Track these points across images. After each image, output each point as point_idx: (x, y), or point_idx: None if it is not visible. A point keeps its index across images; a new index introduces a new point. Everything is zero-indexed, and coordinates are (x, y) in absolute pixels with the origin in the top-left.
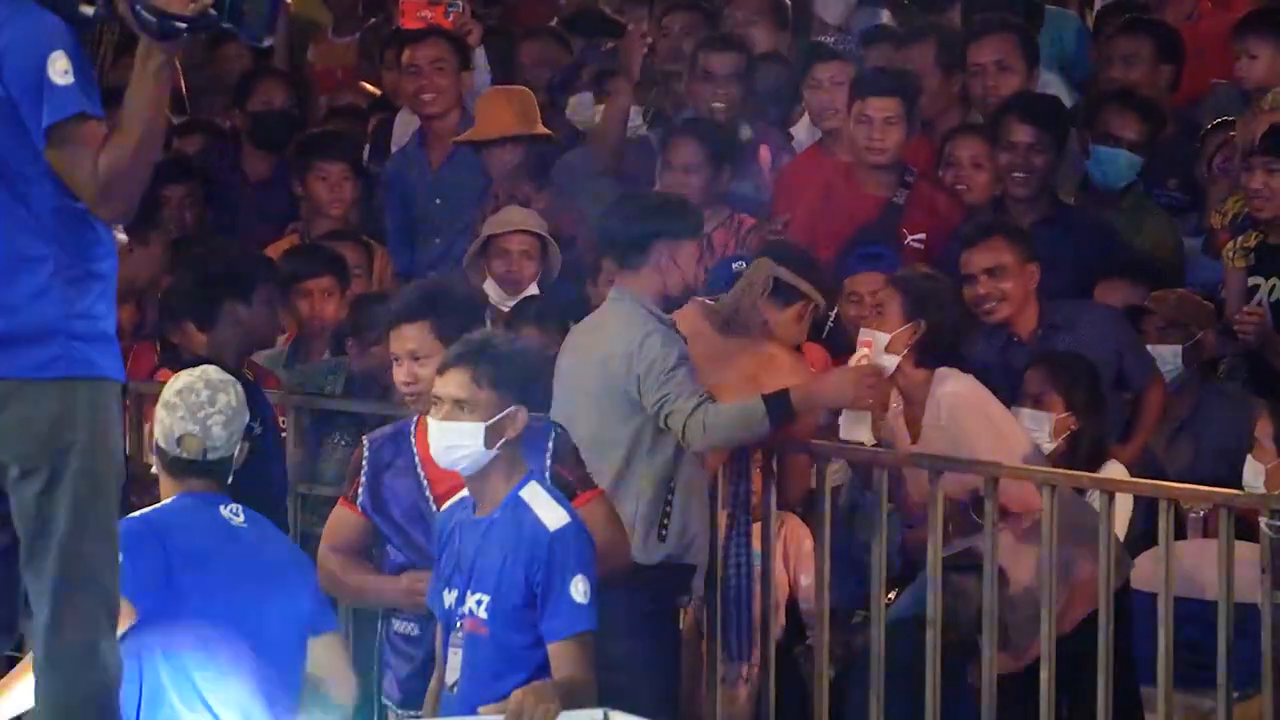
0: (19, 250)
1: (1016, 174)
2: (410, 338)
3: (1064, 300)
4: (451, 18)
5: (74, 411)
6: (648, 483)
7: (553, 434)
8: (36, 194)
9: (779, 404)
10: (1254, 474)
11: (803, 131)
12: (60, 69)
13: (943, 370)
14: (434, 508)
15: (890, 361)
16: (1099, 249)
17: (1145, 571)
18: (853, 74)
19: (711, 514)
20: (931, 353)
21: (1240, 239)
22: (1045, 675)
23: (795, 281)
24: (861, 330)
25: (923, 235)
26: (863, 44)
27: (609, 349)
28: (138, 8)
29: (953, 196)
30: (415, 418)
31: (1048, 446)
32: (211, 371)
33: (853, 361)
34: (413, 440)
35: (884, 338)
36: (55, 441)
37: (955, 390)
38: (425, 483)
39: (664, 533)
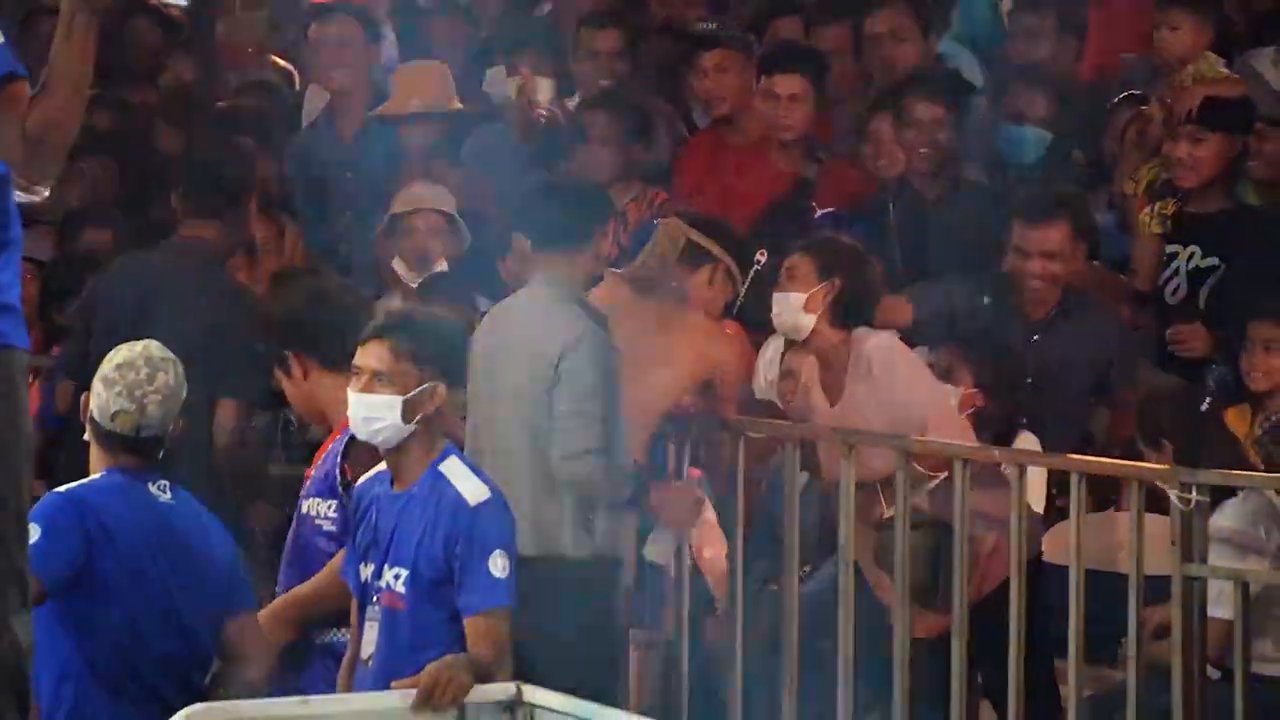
0: None
1: (921, 150)
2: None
3: (1085, 296)
4: None
5: None
6: None
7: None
8: None
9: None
10: (791, 302)
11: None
12: None
13: (861, 329)
14: None
15: (807, 321)
16: (1002, 225)
17: (1060, 544)
18: (739, 61)
19: None
20: (848, 313)
21: (1158, 205)
22: (956, 645)
23: (705, 243)
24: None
25: (833, 210)
26: (771, 17)
27: (541, 347)
28: None
29: (863, 171)
30: None
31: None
32: (154, 348)
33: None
34: None
35: (799, 298)
36: None
37: (881, 343)
38: None
39: (590, 527)
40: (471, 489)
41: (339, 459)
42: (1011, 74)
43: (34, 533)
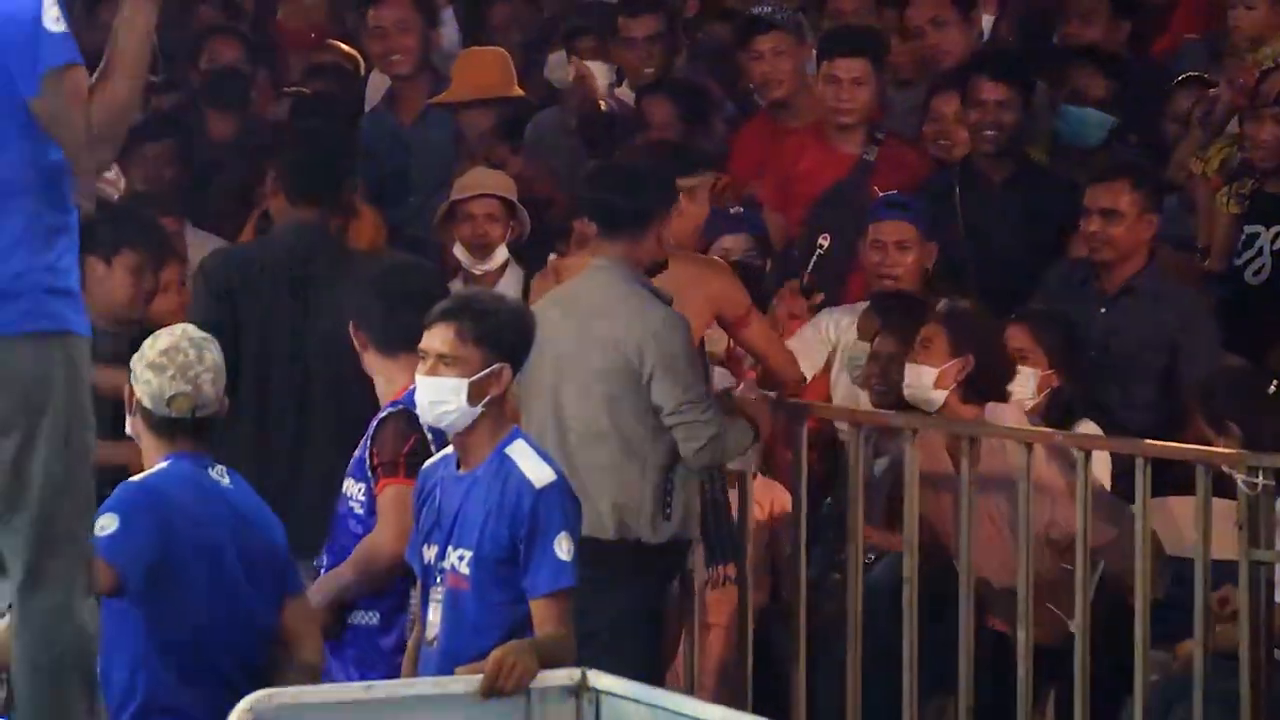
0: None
1: (987, 131)
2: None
3: (1167, 275)
4: None
5: (50, 369)
6: (654, 466)
7: (382, 415)
8: (15, 145)
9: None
10: (922, 375)
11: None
12: (53, 16)
13: (993, 406)
14: None
15: (938, 396)
16: (1069, 206)
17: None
18: (793, 44)
19: None
20: (978, 389)
21: (1235, 185)
22: (1022, 636)
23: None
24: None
25: (895, 192)
26: None
27: (616, 332)
28: None
29: (922, 153)
30: None
31: (1030, 403)
32: (192, 330)
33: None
34: None
35: (931, 373)
36: (32, 400)
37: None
38: None
39: (668, 511)
40: (538, 471)
41: (369, 442)
42: (1072, 54)
43: (111, 524)
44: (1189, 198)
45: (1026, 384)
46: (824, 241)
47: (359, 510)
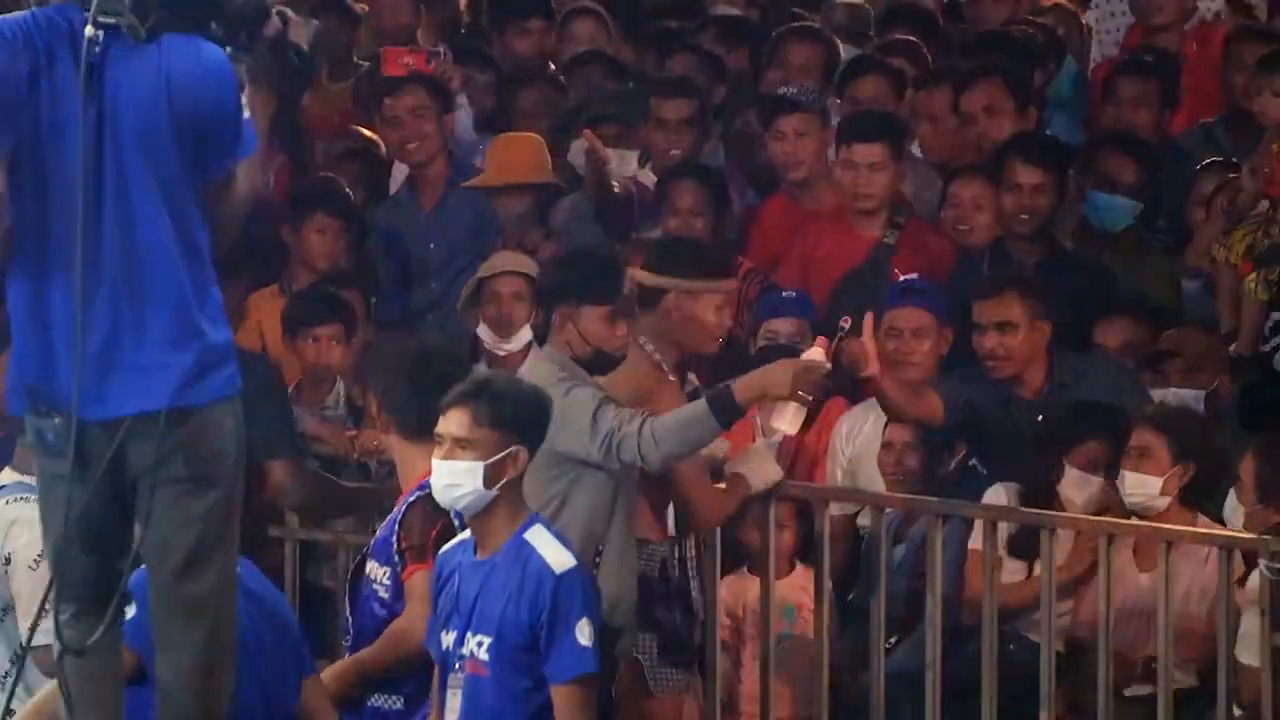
0: (203, 274)
1: (1022, 215)
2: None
3: (1070, 354)
4: (433, 64)
5: (236, 428)
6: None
7: (410, 499)
8: (195, 223)
9: (723, 399)
10: (1232, 511)
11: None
12: (244, 103)
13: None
14: None
15: (1162, 504)
16: (1097, 291)
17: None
18: (817, 124)
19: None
20: (1198, 493)
21: (1263, 272)
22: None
23: (652, 281)
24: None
25: (915, 276)
26: (851, 78)
27: None
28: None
29: (945, 236)
30: None
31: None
32: None
33: (805, 356)
34: None
35: (1155, 482)
36: (226, 458)
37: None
38: None
39: None
40: (558, 557)
41: (396, 526)
42: (1102, 140)
43: (130, 607)
44: (1213, 283)
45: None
46: (845, 324)
47: (383, 594)
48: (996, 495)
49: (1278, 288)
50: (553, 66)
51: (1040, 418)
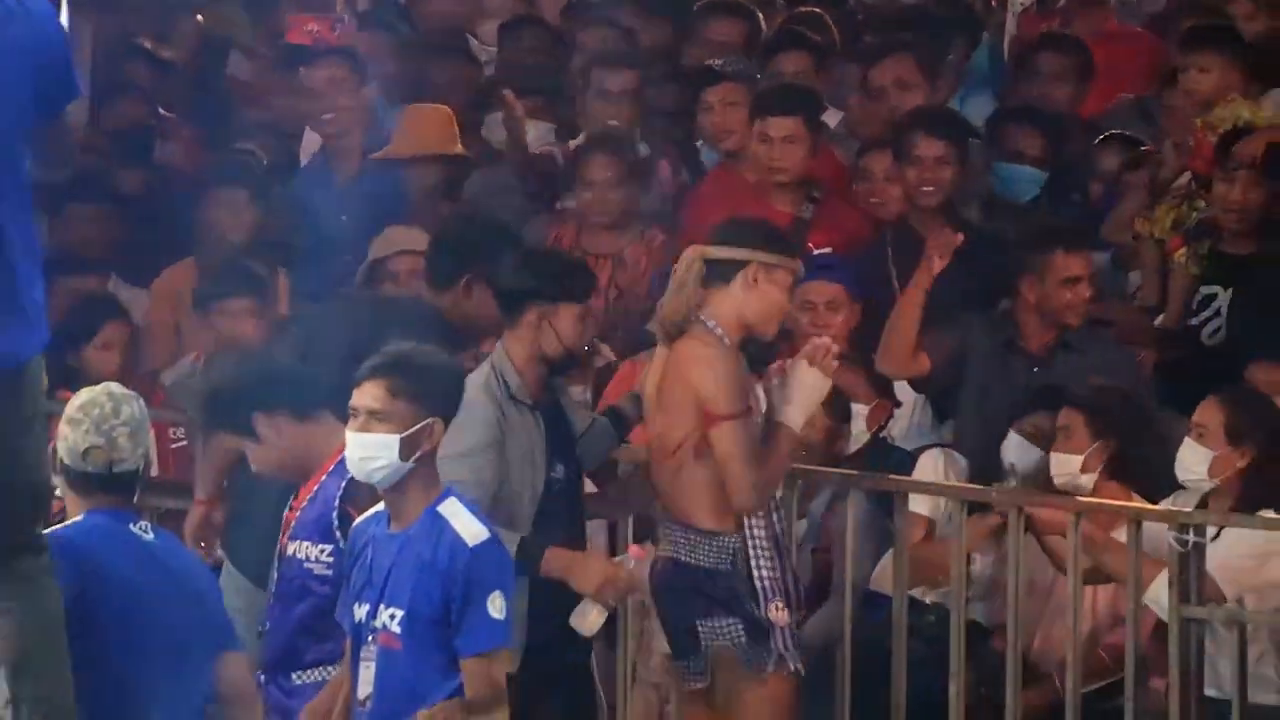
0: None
1: (925, 188)
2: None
3: (1084, 328)
4: (338, 31)
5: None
6: None
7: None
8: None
9: (531, 554)
10: (1196, 459)
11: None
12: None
13: None
14: None
15: (1087, 481)
16: (1002, 264)
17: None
18: (745, 94)
19: None
20: (1126, 470)
21: (1194, 246)
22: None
23: (726, 253)
24: (631, 548)
25: (829, 250)
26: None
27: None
28: None
29: (859, 211)
30: None
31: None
32: (114, 386)
33: (621, 559)
34: None
35: (1076, 460)
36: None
37: None
38: None
39: None
40: (471, 529)
41: (337, 501)
42: (1008, 113)
43: None
44: (1123, 256)
45: (1200, 464)
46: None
47: (322, 571)
48: (934, 460)
49: (1208, 262)
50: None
51: (1035, 369)
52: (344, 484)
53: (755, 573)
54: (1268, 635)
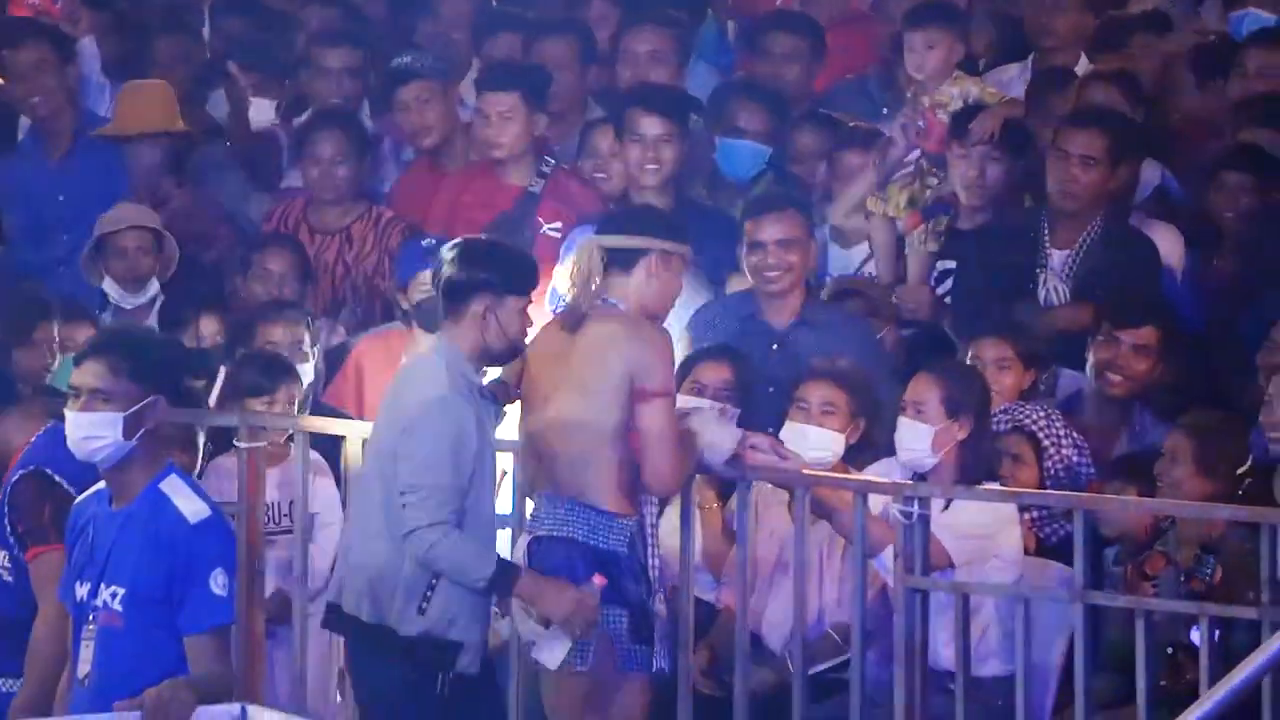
0: None
1: (648, 165)
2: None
3: (826, 304)
4: (60, 4)
5: None
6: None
7: (14, 479)
8: None
9: (502, 577)
10: (915, 436)
11: None
12: None
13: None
14: None
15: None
16: (730, 242)
17: None
18: (438, 89)
19: None
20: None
21: (931, 223)
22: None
23: (625, 242)
24: (596, 578)
25: (559, 224)
26: (488, 34)
27: (406, 410)
28: None
29: (588, 186)
30: None
31: (930, 460)
32: None
33: (595, 580)
34: None
35: (838, 437)
36: None
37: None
38: None
39: (424, 607)
40: (191, 507)
41: (4, 508)
42: (731, 88)
43: None
44: (839, 235)
45: (921, 441)
46: None
47: (6, 577)
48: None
49: (945, 238)
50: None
51: (775, 346)
52: (7, 490)
53: (648, 560)
54: (993, 607)
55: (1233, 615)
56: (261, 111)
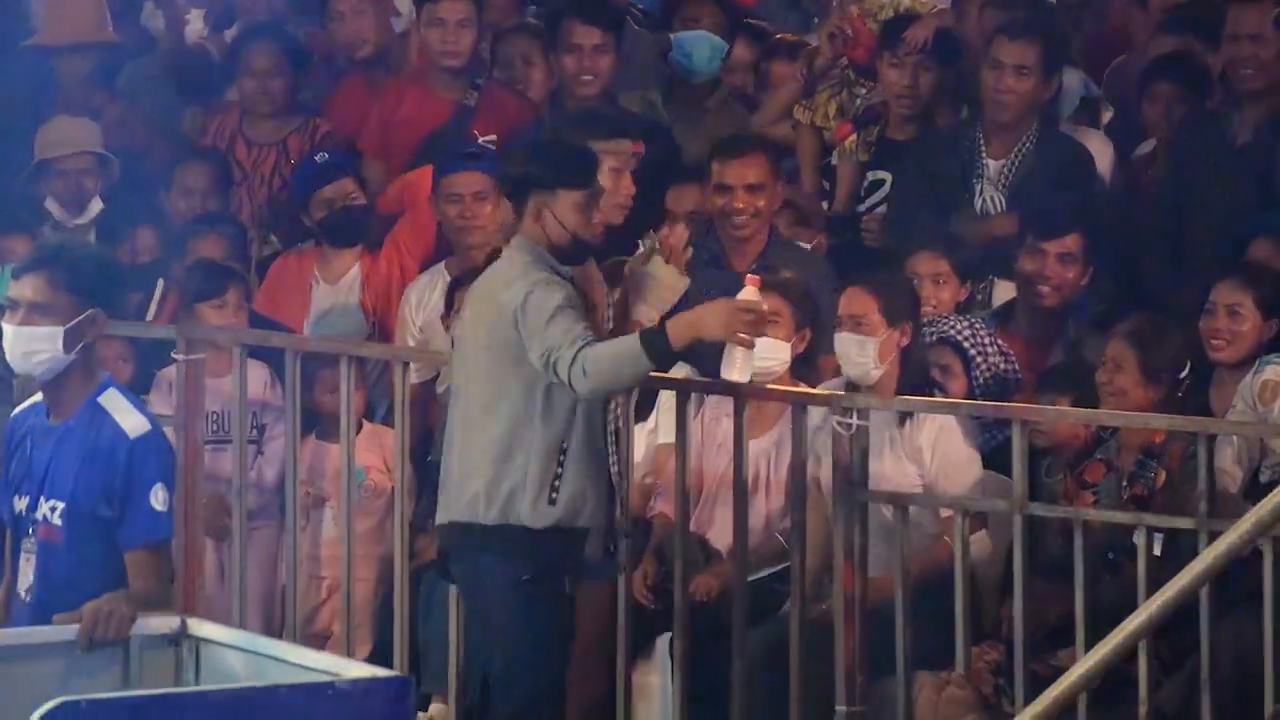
0: None
1: (584, 76)
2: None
3: (787, 243)
4: None
5: None
6: (540, 445)
7: None
8: None
9: (655, 338)
10: (859, 349)
11: None
12: None
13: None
14: None
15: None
16: (665, 153)
17: None
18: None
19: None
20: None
21: (863, 133)
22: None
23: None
24: (749, 278)
25: (494, 136)
26: None
27: (500, 301)
28: None
29: (522, 98)
30: None
31: (875, 373)
32: None
33: (740, 296)
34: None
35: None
36: None
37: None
38: None
39: (554, 496)
40: (131, 421)
41: None
42: None
43: None
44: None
45: (866, 351)
46: (647, 240)
47: None
48: None
49: (876, 147)
50: None
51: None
52: None
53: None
54: (931, 518)
55: (1171, 526)
56: (191, 23)
